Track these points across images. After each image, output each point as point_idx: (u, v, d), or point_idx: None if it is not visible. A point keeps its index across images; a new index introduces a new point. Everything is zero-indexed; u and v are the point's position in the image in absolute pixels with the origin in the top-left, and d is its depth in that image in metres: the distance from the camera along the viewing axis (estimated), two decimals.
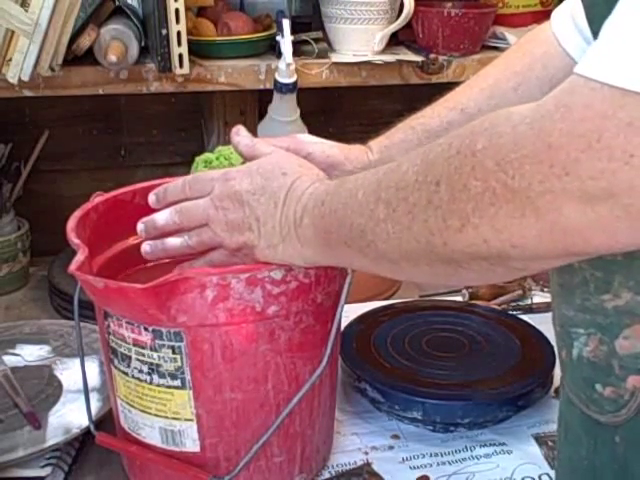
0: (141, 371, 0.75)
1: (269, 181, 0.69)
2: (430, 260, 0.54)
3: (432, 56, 1.26)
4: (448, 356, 1.00)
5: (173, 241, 0.75)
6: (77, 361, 0.92)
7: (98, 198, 0.85)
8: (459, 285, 1.22)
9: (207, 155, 0.80)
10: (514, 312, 1.18)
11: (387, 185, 0.56)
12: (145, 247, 0.76)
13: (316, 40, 1.25)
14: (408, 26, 1.26)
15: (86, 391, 0.85)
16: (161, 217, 0.74)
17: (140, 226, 0.76)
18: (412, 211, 0.53)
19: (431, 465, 0.88)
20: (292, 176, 0.69)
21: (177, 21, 1.09)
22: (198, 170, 0.79)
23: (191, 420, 0.76)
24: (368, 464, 0.88)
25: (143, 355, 0.74)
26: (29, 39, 1.03)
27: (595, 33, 0.61)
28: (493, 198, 0.48)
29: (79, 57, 1.14)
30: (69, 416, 0.90)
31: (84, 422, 0.86)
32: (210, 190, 0.72)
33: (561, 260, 0.51)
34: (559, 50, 0.79)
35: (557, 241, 0.47)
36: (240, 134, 0.78)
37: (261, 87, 1.22)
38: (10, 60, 1.06)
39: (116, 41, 1.12)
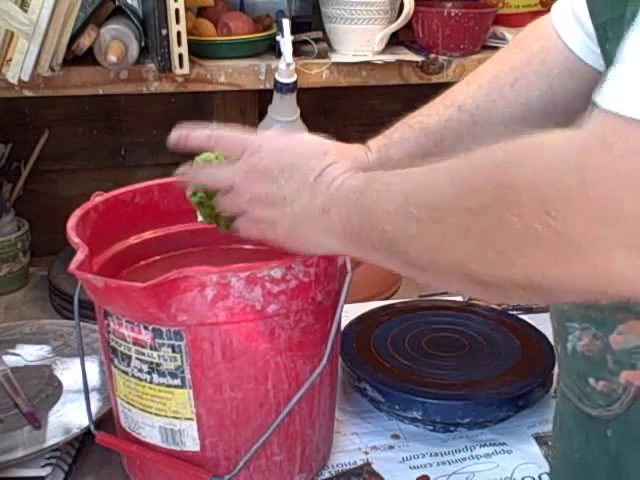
0: (141, 370, 0.75)
1: (302, 160, 0.67)
2: (463, 279, 0.53)
3: (432, 56, 1.26)
4: (448, 356, 1.00)
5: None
6: (77, 361, 0.92)
7: (98, 198, 0.85)
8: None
9: (207, 154, 0.80)
10: (514, 312, 1.18)
11: (417, 202, 0.54)
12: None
13: (316, 40, 1.25)
14: (408, 26, 1.26)
15: (86, 391, 0.85)
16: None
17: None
18: (447, 235, 0.52)
19: (431, 465, 0.88)
20: (329, 159, 0.67)
21: (177, 21, 1.09)
22: None
23: (191, 419, 0.76)
24: (368, 464, 0.88)
25: (143, 354, 0.74)
26: (28, 40, 1.03)
27: (596, 25, 0.60)
28: (535, 237, 0.46)
29: (79, 57, 1.14)
30: (69, 416, 0.90)
31: (84, 422, 0.86)
32: (240, 153, 0.71)
33: (594, 295, 0.50)
34: (558, 44, 0.79)
35: (599, 283, 0.46)
36: None
37: (261, 87, 1.22)
38: (10, 60, 1.06)
39: (116, 41, 1.12)
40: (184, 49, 1.11)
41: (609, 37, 0.59)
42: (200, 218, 0.82)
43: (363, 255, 0.63)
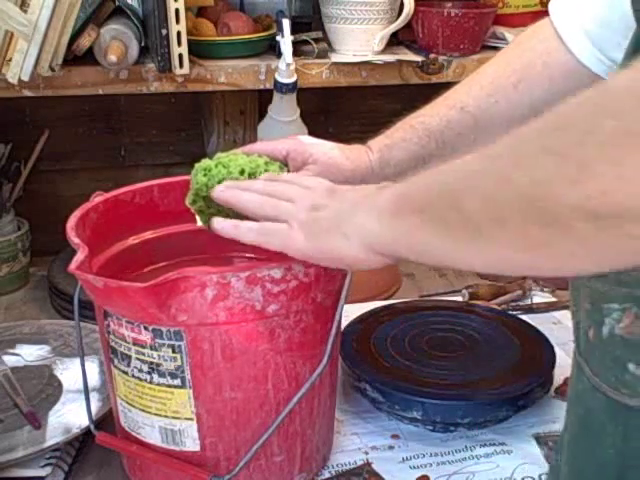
0: (141, 370, 0.75)
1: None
2: (525, 221, 0.45)
3: (432, 56, 1.26)
4: (448, 356, 1.00)
5: (248, 195, 0.72)
6: (77, 361, 0.92)
7: (98, 198, 0.85)
8: (540, 274, 1.12)
9: (206, 163, 0.80)
10: (514, 312, 1.18)
11: (497, 142, 0.49)
12: (218, 190, 0.74)
13: (316, 40, 1.24)
14: (408, 26, 1.26)
15: (86, 391, 0.85)
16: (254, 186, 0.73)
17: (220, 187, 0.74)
18: (519, 161, 0.46)
19: (431, 465, 0.88)
20: None
21: (177, 21, 1.09)
22: (197, 178, 0.79)
23: (191, 419, 0.76)
24: (368, 464, 0.88)
25: (143, 354, 0.74)
26: (27, 41, 1.03)
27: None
28: (627, 139, 0.40)
29: (79, 57, 1.14)
30: (69, 416, 0.90)
31: (84, 422, 0.86)
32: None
33: None
34: (560, 46, 0.79)
35: None
36: None
37: (261, 87, 1.22)
38: (10, 60, 1.06)
39: (116, 41, 1.12)
40: (184, 49, 1.11)
41: None
42: (200, 223, 0.82)
43: (403, 231, 0.57)
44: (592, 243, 0.44)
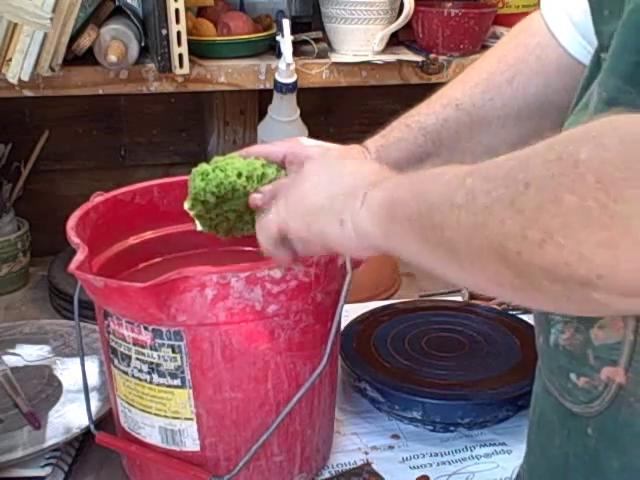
0: (141, 370, 0.75)
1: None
2: (499, 264, 0.48)
3: (432, 56, 1.26)
4: (448, 356, 1.00)
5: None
6: (77, 361, 0.92)
7: (98, 198, 0.85)
8: (512, 302, 1.12)
9: (203, 167, 0.80)
10: (514, 312, 1.18)
11: (477, 173, 0.50)
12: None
13: (316, 40, 1.24)
14: (408, 26, 1.26)
15: (86, 391, 0.85)
16: None
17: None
18: (491, 207, 0.47)
19: (431, 465, 0.88)
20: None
21: (177, 21, 1.09)
22: (195, 183, 0.79)
23: (191, 419, 0.76)
24: (368, 464, 0.88)
25: (143, 354, 0.74)
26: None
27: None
28: (587, 220, 0.41)
29: (79, 57, 1.14)
30: (69, 416, 0.90)
31: (84, 422, 0.86)
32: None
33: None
34: (552, 41, 0.79)
35: None
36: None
37: (261, 87, 1.22)
38: (10, 60, 1.06)
39: (116, 41, 1.12)
40: (184, 49, 1.11)
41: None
42: (199, 227, 0.82)
43: (393, 235, 0.59)
44: (560, 299, 0.46)
